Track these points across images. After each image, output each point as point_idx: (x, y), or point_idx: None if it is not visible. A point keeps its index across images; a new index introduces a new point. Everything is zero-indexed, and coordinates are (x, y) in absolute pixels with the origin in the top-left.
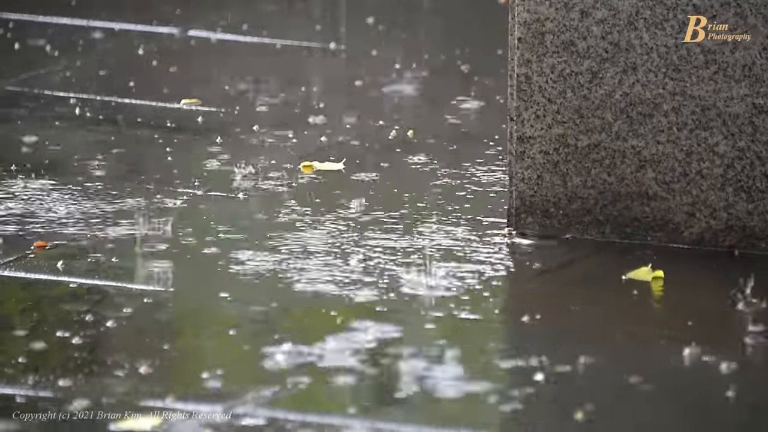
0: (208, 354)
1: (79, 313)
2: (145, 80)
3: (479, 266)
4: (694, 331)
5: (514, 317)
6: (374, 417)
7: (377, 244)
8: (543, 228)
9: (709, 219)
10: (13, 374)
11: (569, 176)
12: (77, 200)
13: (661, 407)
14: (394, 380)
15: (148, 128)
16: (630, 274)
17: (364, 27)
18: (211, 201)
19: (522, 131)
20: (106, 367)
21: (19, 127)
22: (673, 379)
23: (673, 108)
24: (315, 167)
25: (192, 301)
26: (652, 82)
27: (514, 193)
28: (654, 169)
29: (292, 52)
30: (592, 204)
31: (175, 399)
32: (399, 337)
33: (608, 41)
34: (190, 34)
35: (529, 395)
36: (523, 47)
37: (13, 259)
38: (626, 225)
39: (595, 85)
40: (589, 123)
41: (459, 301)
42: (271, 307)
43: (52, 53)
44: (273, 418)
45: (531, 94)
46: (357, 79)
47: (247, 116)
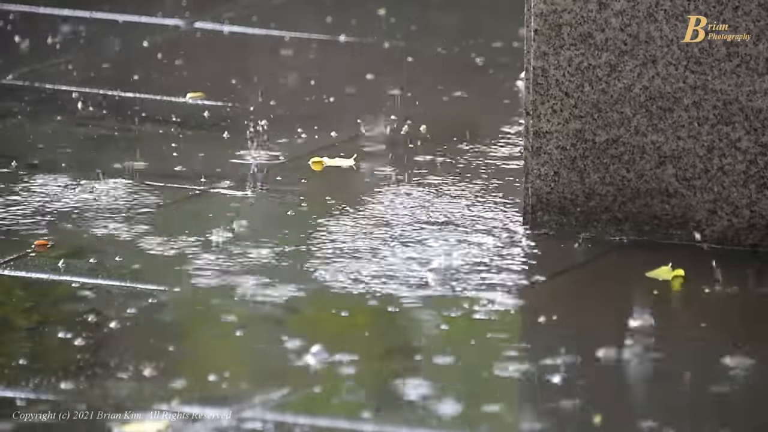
0: (215, 355)
1: (81, 313)
2: (150, 73)
3: (494, 265)
4: (716, 331)
5: (530, 318)
6: (386, 421)
7: (393, 245)
8: (560, 226)
9: (731, 217)
10: (14, 376)
11: (587, 172)
12: (78, 198)
13: (682, 408)
14: (407, 383)
15: (153, 123)
16: (650, 273)
17: (375, 19)
18: (217, 197)
19: (538, 126)
20: (110, 370)
21: (19, 122)
22: (694, 379)
23: (694, 102)
24: (325, 163)
25: (198, 301)
26: (673, 75)
27: (530, 190)
28: (674, 165)
29: (301, 44)
30: (611, 201)
31: (181, 402)
32: (412, 338)
33: (627, 33)
34: (196, 26)
35: (544, 397)
36: (539, 39)
37: (14, 257)
38: (646, 223)
39: (613, 78)
40: (608, 117)
41: (474, 301)
42: (281, 306)
43: (53, 46)
44: (282, 422)
45: (548, 88)
46: (368, 72)
47: (255, 111)
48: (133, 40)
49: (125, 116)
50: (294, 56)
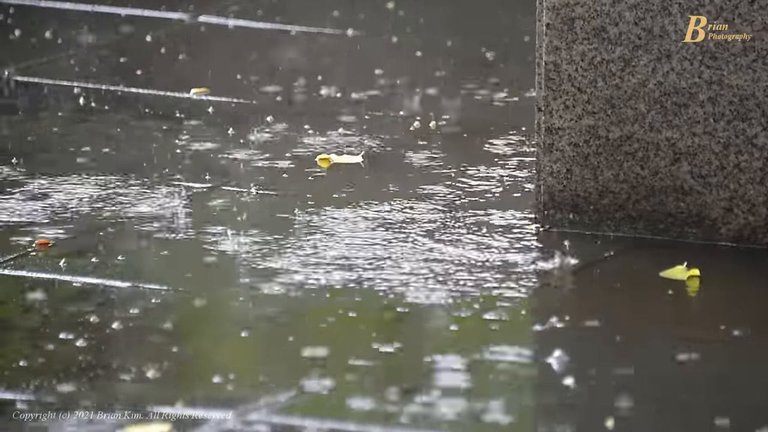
0: (220, 357)
1: (84, 314)
2: (153, 68)
3: (505, 264)
4: (732, 332)
5: (542, 318)
6: (394, 423)
7: (402, 244)
8: (572, 224)
9: (747, 215)
10: (15, 378)
11: (600, 170)
12: (80, 196)
13: (697, 410)
14: (416, 385)
15: (156, 119)
16: (664, 272)
17: (383, 12)
18: (222, 195)
19: (550, 122)
20: (112, 371)
21: (20, 118)
22: (709, 381)
23: (710, 98)
24: (332, 160)
25: (202, 301)
26: (688, 70)
27: (542, 188)
28: (689, 162)
29: (308, 38)
30: (625, 199)
31: (185, 404)
32: (422, 339)
33: (641, 27)
34: (200, 19)
35: (558, 400)
36: (551, 33)
37: (14, 257)
38: (660, 221)
39: (627, 73)
40: (621, 114)
41: (485, 301)
42: (286, 307)
43: (54, 40)
44: (288, 425)
45: (560, 83)
46: (377, 67)
47: (261, 106)
48: (135, 35)
49: (126, 113)
50: (301, 51)
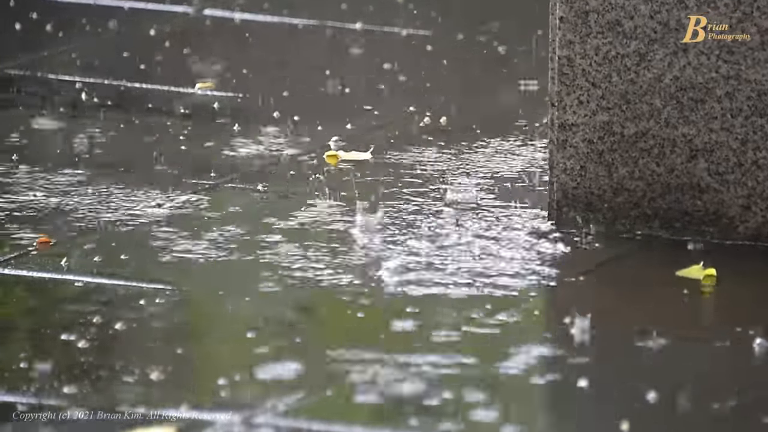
0: (225, 359)
1: (86, 314)
2: (157, 63)
3: (519, 264)
4: (748, 332)
5: (556, 318)
6: (402, 427)
7: (411, 244)
8: (586, 222)
9: (765, 213)
10: (15, 380)
11: (615, 167)
12: (81, 194)
13: (712, 411)
14: (424, 387)
15: (160, 114)
16: (680, 272)
17: (392, 5)
18: (227, 193)
19: (564, 118)
20: (115, 373)
21: (20, 113)
22: (724, 382)
23: (727, 93)
24: (340, 157)
25: (207, 302)
26: (704, 65)
27: (556, 185)
28: (706, 158)
29: (315, 32)
30: (640, 197)
31: (190, 407)
32: (431, 341)
33: (657, 21)
34: (206, 13)
35: (573, 401)
36: (565, 27)
37: (15, 256)
38: (676, 219)
39: (642, 68)
40: (637, 109)
41: (497, 302)
42: (293, 308)
43: (55, 34)
44: (295, 428)
45: (574, 78)
46: (386, 61)
47: (267, 102)
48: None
49: (130, 108)
50: (308, 45)
